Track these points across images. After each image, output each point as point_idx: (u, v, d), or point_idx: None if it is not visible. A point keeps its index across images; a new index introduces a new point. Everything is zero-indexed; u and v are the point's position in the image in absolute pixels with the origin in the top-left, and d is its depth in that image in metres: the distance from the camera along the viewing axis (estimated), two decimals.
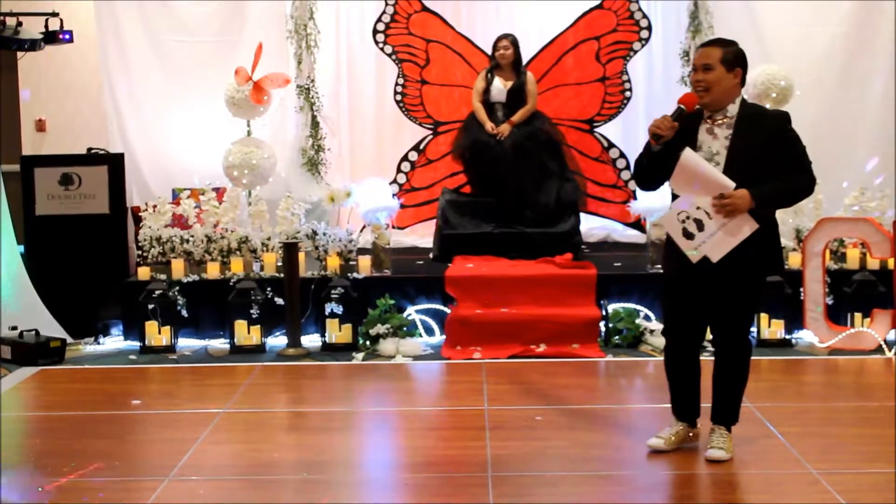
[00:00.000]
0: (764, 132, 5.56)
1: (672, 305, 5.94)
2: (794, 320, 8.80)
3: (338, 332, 8.84)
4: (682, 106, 5.64)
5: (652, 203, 9.31)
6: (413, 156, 10.69)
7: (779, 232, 5.78)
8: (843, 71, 10.98)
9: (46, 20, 10.31)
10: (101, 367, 8.55)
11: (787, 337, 8.75)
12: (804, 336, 8.89)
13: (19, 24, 10.02)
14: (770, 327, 8.75)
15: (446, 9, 10.97)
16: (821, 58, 10.89)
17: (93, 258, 9.51)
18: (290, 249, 8.90)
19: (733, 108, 5.63)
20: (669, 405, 6.10)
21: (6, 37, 9.97)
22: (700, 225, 5.51)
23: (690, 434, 6.05)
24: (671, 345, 6.00)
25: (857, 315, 8.78)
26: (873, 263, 9.11)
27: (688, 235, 5.55)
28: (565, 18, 10.78)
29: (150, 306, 8.98)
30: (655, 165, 5.73)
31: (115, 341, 9.35)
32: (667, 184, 5.80)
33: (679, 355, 5.97)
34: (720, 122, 5.65)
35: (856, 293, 8.93)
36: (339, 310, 8.87)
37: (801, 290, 8.81)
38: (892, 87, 10.83)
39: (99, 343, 9.31)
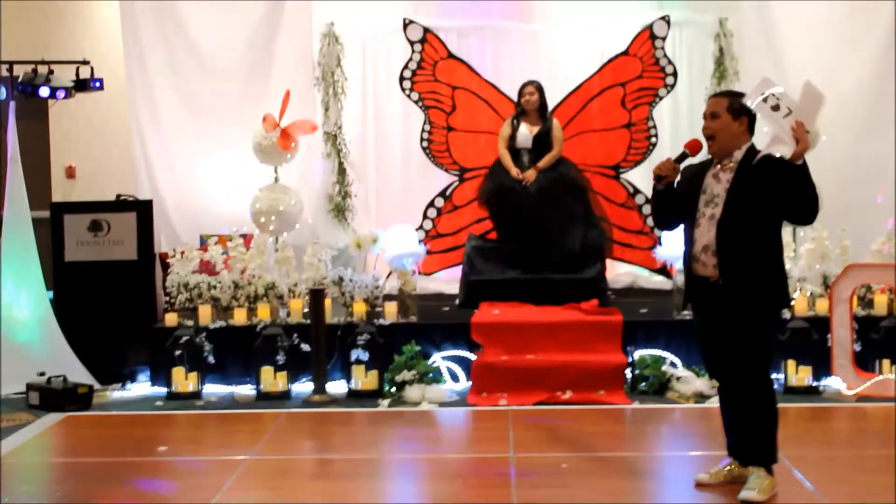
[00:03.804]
0: (764, 177, 5.68)
1: (701, 343, 6.13)
2: (822, 366, 8.76)
3: (364, 379, 8.84)
4: (686, 150, 5.97)
5: (678, 250, 9.29)
6: (439, 202, 10.72)
7: (784, 269, 5.94)
8: (868, 115, 10.94)
9: (77, 68, 10.41)
10: (127, 413, 8.58)
11: (815, 384, 8.70)
12: (832, 383, 8.84)
13: (51, 71, 10.14)
14: (797, 374, 8.70)
15: (472, 56, 11.04)
16: (846, 101, 10.86)
17: (121, 304, 9.55)
18: (316, 296, 8.93)
19: (738, 154, 5.86)
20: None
21: (38, 84, 10.08)
22: (776, 108, 5.68)
23: (737, 472, 6.06)
24: (716, 379, 6.20)
25: (885, 361, 8.73)
26: None
27: (764, 98, 5.73)
28: (591, 65, 10.82)
29: (177, 352, 9.00)
30: (662, 205, 6.06)
31: (142, 387, 9.38)
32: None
33: (722, 390, 6.10)
34: (726, 167, 5.85)
35: (884, 339, 8.88)
36: (365, 356, 8.87)
37: (829, 336, 8.78)
38: None
39: (126, 389, 9.34)
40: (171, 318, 9.42)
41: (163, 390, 9.07)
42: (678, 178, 5.99)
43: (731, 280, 5.75)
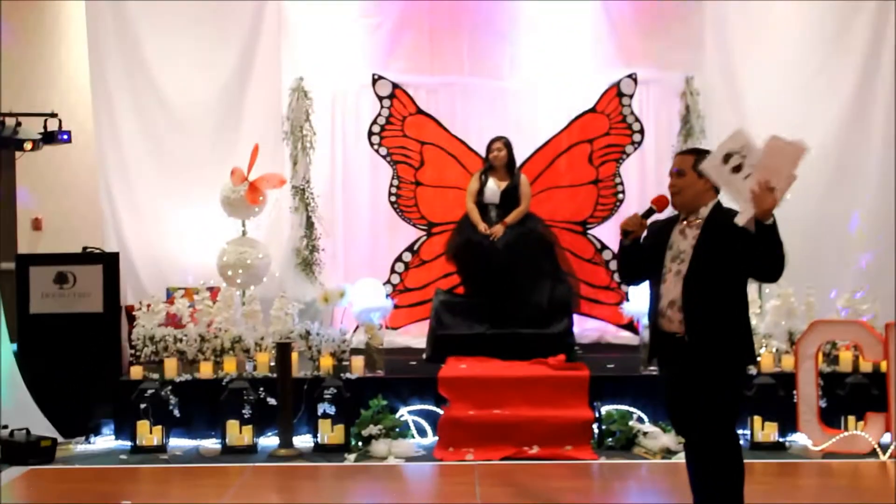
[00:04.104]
0: (730, 234, 5.66)
1: (667, 399, 6.03)
2: (788, 422, 8.78)
3: (330, 433, 8.80)
4: (653, 206, 5.90)
5: (644, 306, 9.32)
6: (407, 256, 10.74)
7: (750, 326, 5.87)
8: (833, 174, 11.07)
9: (45, 120, 10.39)
10: (91, 466, 8.49)
11: (781, 440, 8.73)
12: (798, 439, 8.86)
13: (18, 123, 10.10)
14: (764, 430, 8.72)
15: (441, 111, 11.11)
16: (811, 161, 10.93)
17: (86, 357, 9.45)
18: (283, 349, 8.90)
19: (704, 211, 5.81)
20: None
21: (5, 136, 10.04)
22: (738, 168, 5.54)
23: None
24: (682, 437, 6.09)
25: (851, 418, 8.77)
26: (866, 366, 9.12)
27: (725, 159, 5.57)
28: (559, 121, 10.90)
29: (142, 405, 8.93)
30: (628, 260, 5.99)
31: (106, 440, 9.29)
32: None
33: (688, 446, 6.00)
34: (692, 223, 5.80)
35: (849, 396, 8.92)
36: (331, 410, 8.83)
37: (795, 392, 8.81)
38: (884, 189, 10.94)
39: (90, 442, 9.25)
40: (136, 372, 9.34)
41: (127, 444, 8.99)
42: (644, 233, 6.01)
43: (697, 337, 5.74)
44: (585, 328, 11.03)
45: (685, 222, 5.85)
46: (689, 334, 5.70)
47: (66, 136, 10.52)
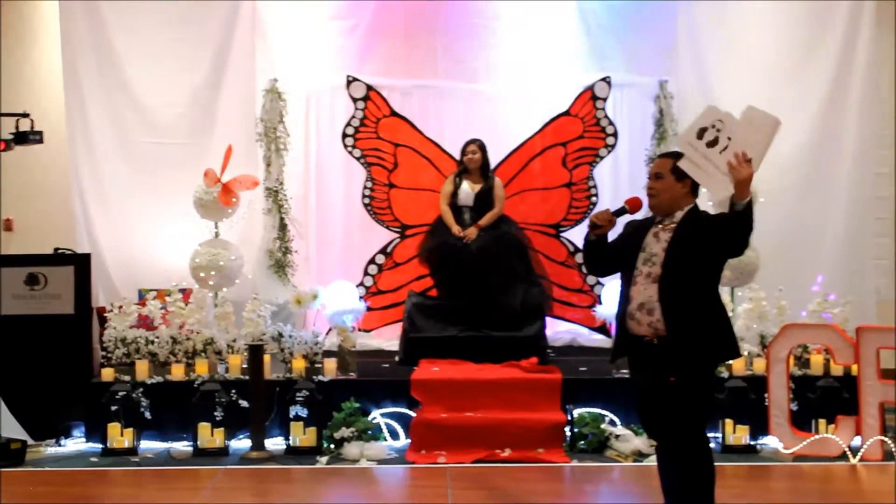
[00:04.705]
0: (701, 232, 5.67)
1: (638, 402, 6.02)
2: (759, 426, 8.81)
3: (302, 436, 8.78)
4: (626, 206, 5.91)
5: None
6: (380, 259, 10.74)
7: (729, 320, 5.87)
8: (806, 179, 11.13)
9: (17, 120, 10.32)
10: (62, 469, 8.45)
11: (752, 443, 8.75)
12: (769, 442, 8.89)
13: None
14: (735, 433, 8.75)
15: (415, 114, 11.10)
16: (784, 166, 11.03)
17: (56, 358, 9.40)
18: (255, 352, 8.88)
19: (679, 215, 5.82)
20: None
21: None
22: (713, 143, 5.55)
23: None
24: (654, 439, 6.09)
25: (822, 421, 8.81)
26: (837, 370, 9.16)
27: (700, 135, 5.60)
28: (533, 124, 10.91)
29: (113, 408, 8.89)
30: (591, 254, 6.04)
31: (76, 443, 9.24)
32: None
33: (659, 450, 6.00)
34: (666, 226, 5.82)
35: (820, 399, 8.97)
36: (303, 413, 8.82)
37: (766, 395, 8.84)
38: (857, 193, 11.01)
39: (60, 445, 9.20)
40: (107, 373, 9.30)
41: (98, 446, 8.94)
42: (618, 231, 5.99)
43: (678, 338, 5.68)
44: (558, 331, 11.03)
45: (660, 225, 5.84)
46: (671, 336, 5.66)
47: (38, 137, 10.45)
